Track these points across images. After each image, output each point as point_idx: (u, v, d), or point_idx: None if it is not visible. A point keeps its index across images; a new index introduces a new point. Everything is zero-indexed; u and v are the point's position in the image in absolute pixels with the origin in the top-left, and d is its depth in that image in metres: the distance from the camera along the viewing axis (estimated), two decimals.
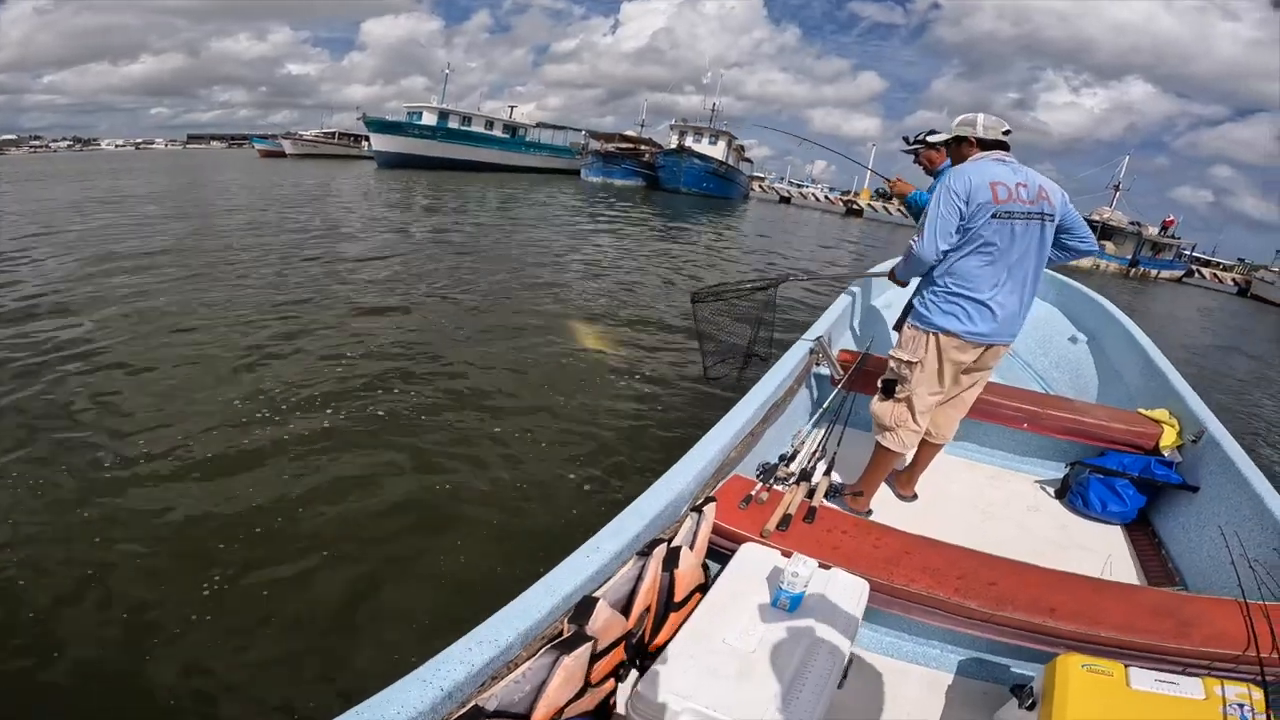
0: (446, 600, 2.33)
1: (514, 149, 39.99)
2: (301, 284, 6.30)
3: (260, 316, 5.18)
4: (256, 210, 11.81)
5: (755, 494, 1.86)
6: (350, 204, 14.63)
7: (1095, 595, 1.64)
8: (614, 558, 1.40)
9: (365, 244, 9.03)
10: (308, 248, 8.21)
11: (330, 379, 4.02)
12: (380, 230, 10.62)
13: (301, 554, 2.49)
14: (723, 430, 1.98)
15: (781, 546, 1.68)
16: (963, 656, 1.74)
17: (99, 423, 3.35)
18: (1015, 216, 2.02)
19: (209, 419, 3.43)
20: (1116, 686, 1.30)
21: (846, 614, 1.49)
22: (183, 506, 2.71)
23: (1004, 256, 2.05)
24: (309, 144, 44.65)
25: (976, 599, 1.57)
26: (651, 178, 35.97)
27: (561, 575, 1.31)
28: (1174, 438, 2.55)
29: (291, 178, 22.53)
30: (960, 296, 2.09)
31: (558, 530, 2.74)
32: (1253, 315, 22.45)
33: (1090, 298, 4.12)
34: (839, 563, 1.62)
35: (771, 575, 1.58)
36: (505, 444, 3.43)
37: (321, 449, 3.22)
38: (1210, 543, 2.09)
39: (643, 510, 1.55)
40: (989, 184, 2.01)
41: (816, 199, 50.97)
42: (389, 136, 33.50)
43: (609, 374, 4.57)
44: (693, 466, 1.76)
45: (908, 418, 2.25)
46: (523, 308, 6.16)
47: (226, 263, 6.97)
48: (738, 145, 42.14)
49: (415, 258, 8.20)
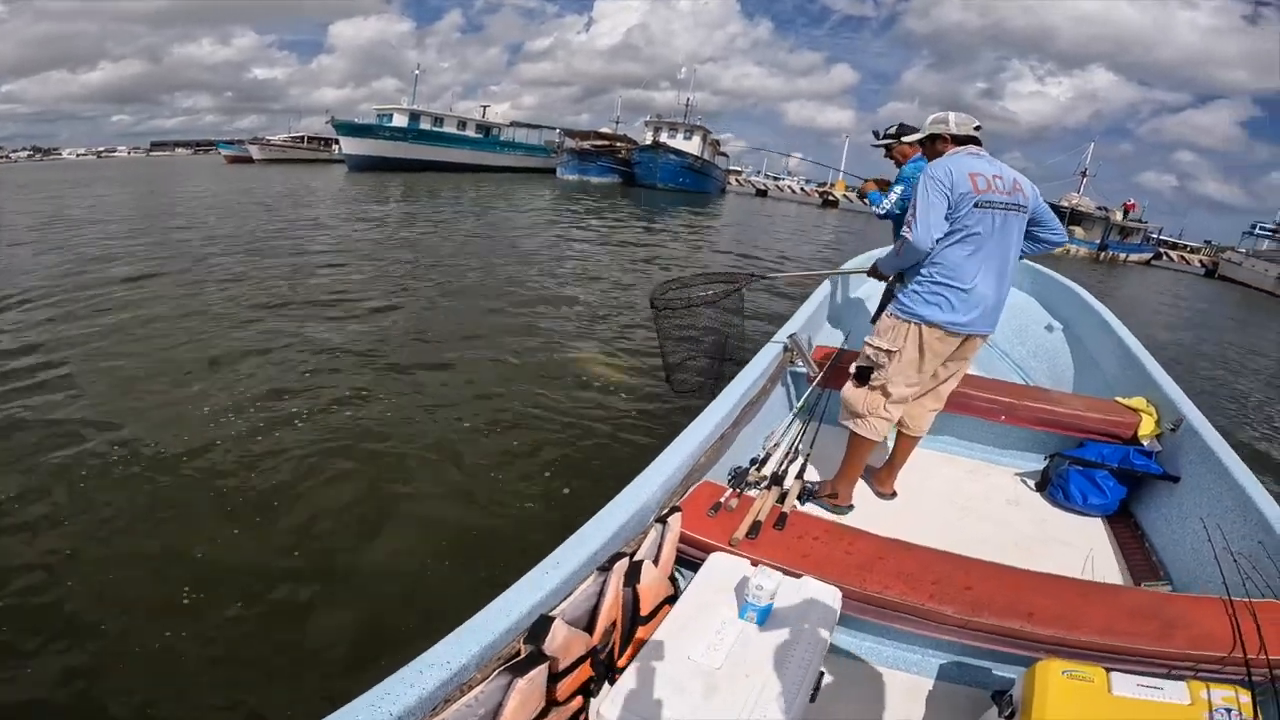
0: (396, 619, 2.23)
1: (488, 149, 39.63)
2: (271, 293, 6.10)
3: (227, 325, 5.01)
4: (225, 218, 11.46)
5: (725, 501, 1.79)
6: (321, 208, 14.28)
7: (1075, 597, 1.59)
8: (573, 574, 1.34)
9: (335, 248, 8.83)
10: (277, 254, 7.98)
11: (295, 387, 3.89)
12: (351, 234, 10.39)
13: (242, 570, 2.37)
14: (690, 436, 1.90)
15: (750, 555, 1.62)
16: (943, 661, 1.68)
17: (55, 429, 3.21)
18: (995, 206, 2.04)
19: (170, 426, 3.32)
20: (1097, 693, 1.25)
21: (817, 624, 1.43)
22: (141, 528, 2.57)
23: (985, 246, 2.06)
24: (277, 149, 43.80)
25: (952, 604, 1.51)
26: (628, 174, 35.80)
27: (518, 593, 1.25)
28: (1152, 427, 2.53)
29: (260, 184, 22.01)
30: (943, 286, 2.08)
31: (521, 543, 2.63)
32: (1220, 295, 22.96)
33: (1065, 286, 4.10)
34: (809, 570, 1.56)
35: (740, 586, 1.52)
36: (467, 453, 3.32)
37: (275, 455, 3.12)
38: (1193, 535, 2.05)
39: (605, 523, 1.49)
40: (968, 175, 2.03)
41: (793, 191, 51.22)
42: (359, 139, 32.99)
43: (583, 378, 4.48)
44: (658, 476, 1.70)
45: (880, 405, 2.23)
46: (495, 310, 6.04)
47: (195, 275, 6.72)
48: (713, 140, 42.12)
49: (386, 262, 8.03)
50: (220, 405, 3.60)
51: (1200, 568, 1.95)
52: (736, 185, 49.91)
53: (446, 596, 2.32)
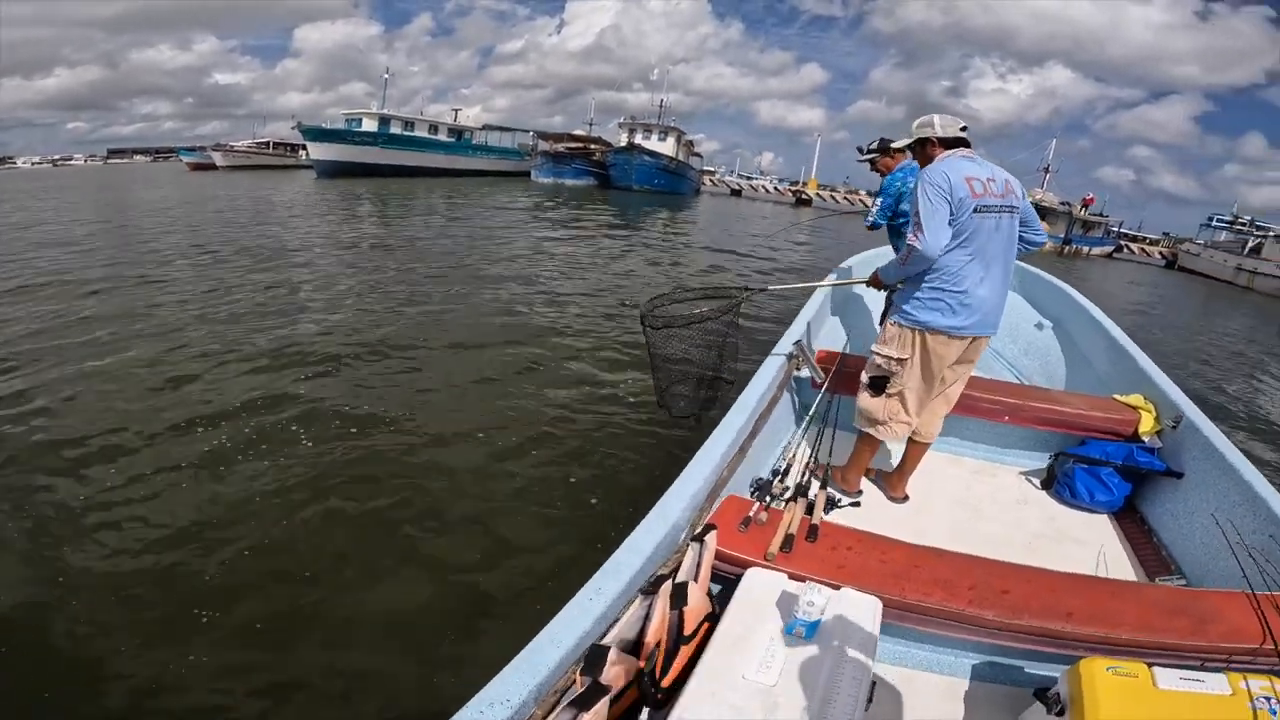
0: (435, 641, 2.19)
1: (461, 152, 39.21)
2: (245, 309, 5.91)
3: (195, 344, 4.82)
4: (190, 229, 11.08)
5: (754, 515, 1.80)
6: (290, 216, 13.89)
7: (1108, 596, 1.65)
8: (617, 599, 1.34)
9: (309, 258, 8.59)
10: (248, 268, 7.71)
11: (288, 409, 3.77)
12: (323, 243, 10.11)
13: (257, 600, 2.31)
14: (710, 451, 1.91)
15: (788, 569, 1.64)
16: (978, 661, 1.72)
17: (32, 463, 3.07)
18: (991, 210, 2.07)
19: (145, 455, 3.19)
20: (1144, 687, 1.29)
21: (864, 634, 1.46)
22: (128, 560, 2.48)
23: (984, 250, 2.09)
24: (241, 155, 42.81)
25: (992, 608, 1.56)
26: (603, 177, 35.74)
27: (566, 623, 1.25)
28: (1152, 423, 2.59)
29: (225, 191, 21.46)
30: (944, 291, 2.12)
31: (553, 558, 2.61)
32: (1182, 286, 23.76)
33: (1052, 284, 4.20)
34: (847, 581, 1.59)
35: (781, 600, 1.53)
36: (484, 471, 3.27)
37: (279, 483, 3.01)
38: (1203, 530, 2.12)
39: (640, 544, 1.50)
40: (964, 179, 2.05)
41: (766, 190, 51.61)
42: (328, 144, 32.33)
43: (584, 388, 4.45)
44: (685, 492, 1.70)
45: (899, 410, 2.28)
46: (484, 321, 5.95)
47: (163, 292, 6.49)
48: (687, 140, 42.28)
49: (364, 271, 7.86)
50: (209, 426, 3.50)
51: (1212, 561, 2.02)
52: (711, 186, 50.12)
53: (484, 618, 2.30)
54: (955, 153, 2.16)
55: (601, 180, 35.79)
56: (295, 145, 43.88)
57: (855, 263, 4.35)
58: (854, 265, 4.28)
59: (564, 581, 2.19)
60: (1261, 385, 7.47)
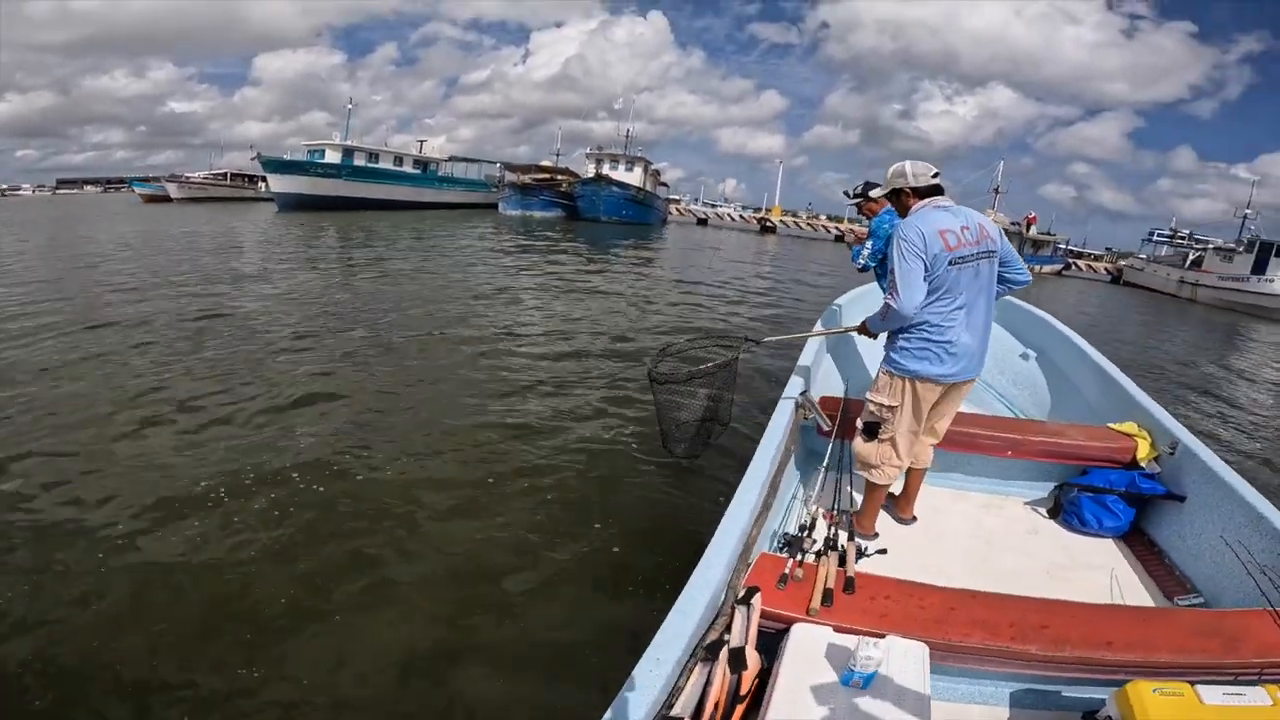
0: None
1: (427, 185, 39.02)
2: (211, 356, 5.61)
3: (159, 394, 4.61)
4: (146, 270, 10.64)
5: (790, 572, 1.85)
6: (252, 254, 13.50)
7: (1141, 623, 1.76)
8: (676, 666, 1.37)
9: (276, 302, 8.22)
10: (211, 311, 7.43)
11: (266, 467, 3.62)
12: (290, 284, 9.71)
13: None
14: (739, 510, 1.94)
15: (831, 622, 1.68)
16: (1020, 689, 1.77)
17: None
18: (967, 260, 2.17)
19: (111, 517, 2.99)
20: (1191, 704, 1.39)
21: (917, 680, 1.51)
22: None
23: (964, 299, 2.21)
24: (197, 187, 41.73)
25: (1035, 643, 1.62)
26: (571, 208, 35.89)
27: (634, 697, 1.27)
28: (1148, 450, 2.71)
29: (181, 226, 20.79)
30: (930, 342, 2.24)
31: (589, 607, 2.55)
32: (1130, 301, 24.96)
33: (1033, 313, 4.36)
34: (891, 629, 1.63)
35: (830, 653, 1.58)
36: (492, 521, 3.19)
37: (261, 552, 2.87)
38: (1212, 550, 2.23)
39: (687, 609, 1.52)
40: (938, 233, 2.14)
41: (732, 218, 52.69)
42: (289, 176, 31.68)
43: (575, 428, 4.41)
44: (722, 553, 1.73)
45: (891, 455, 2.41)
46: (455, 368, 5.71)
47: (123, 341, 6.20)
48: (654, 170, 42.95)
49: (333, 317, 7.49)
50: (182, 485, 3.35)
51: (1226, 580, 2.13)
52: (678, 215, 50.91)
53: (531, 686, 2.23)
54: (929, 203, 2.24)
55: (569, 212, 35.93)
56: (254, 176, 43.20)
57: (845, 302, 4.42)
58: (843, 305, 4.34)
59: (606, 638, 2.25)
60: (1216, 397, 7.86)
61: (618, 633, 2.35)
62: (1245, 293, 24.57)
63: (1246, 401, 7.95)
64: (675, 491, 3.51)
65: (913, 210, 2.26)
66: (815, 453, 3.09)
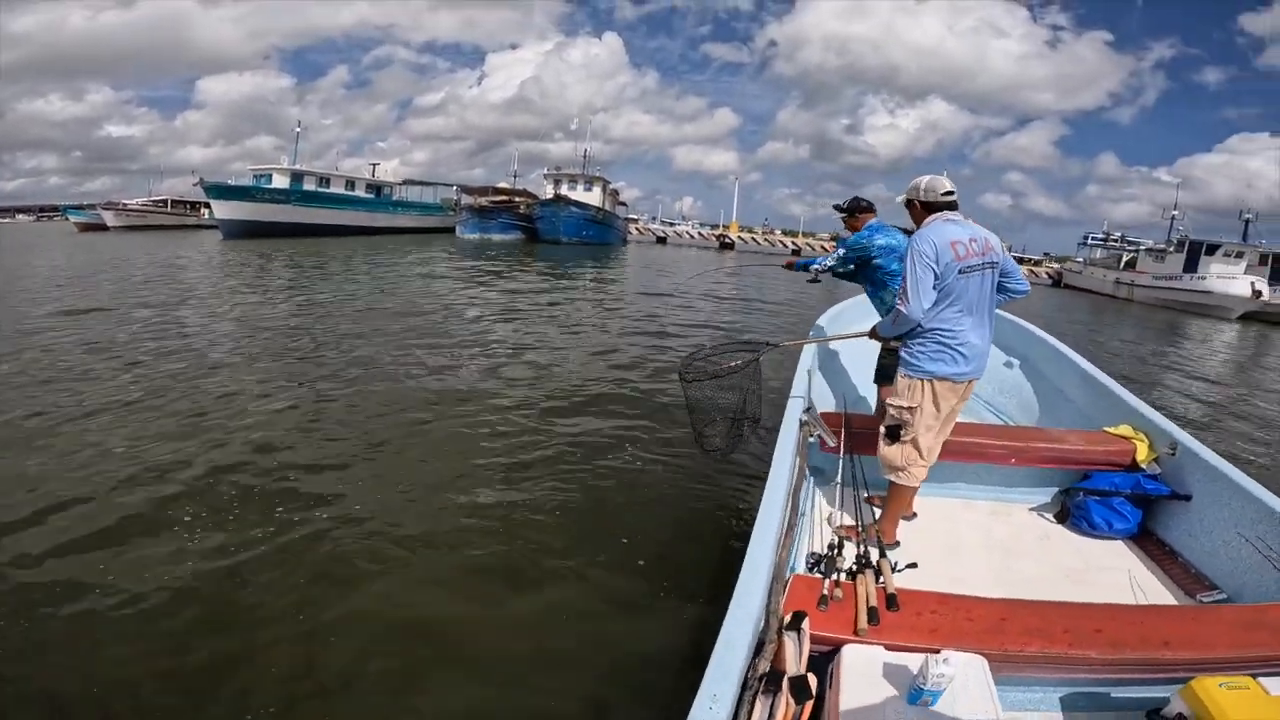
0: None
1: (381, 209, 38.13)
2: (156, 398, 5.10)
3: (106, 438, 4.27)
4: (81, 303, 9.99)
5: (828, 593, 1.81)
6: (195, 284, 12.71)
7: (1191, 621, 1.79)
8: (734, 701, 1.32)
9: (226, 336, 7.70)
10: (156, 351, 6.97)
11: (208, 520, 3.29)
12: (239, 317, 9.07)
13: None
14: (765, 532, 1.89)
15: (883, 641, 1.64)
16: (1076, 693, 1.76)
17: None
18: (974, 269, 2.33)
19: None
20: (1258, 696, 1.42)
21: (983, 694, 1.50)
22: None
23: (971, 304, 2.36)
24: (136, 214, 39.58)
25: (1093, 647, 1.62)
26: (530, 230, 35.67)
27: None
28: (1147, 452, 2.75)
29: (118, 255, 19.66)
30: (945, 345, 2.37)
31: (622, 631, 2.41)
32: (1071, 302, 26.13)
33: (1014, 322, 4.44)
34: (945, 644, 1.58)
35: (888, 673, 1.55)
36: (502, 554, 3.02)
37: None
38: (1226, 546, 2.26)
39: (734, 640, 1.46)
40: (949, 244, 2.30)
41: (691, 236, 53.28)
42: (234, 203, 30.35)
43: (572, 450, 4.27)
44: (756, 579, 1.68)
45: (916, 456, 2.49)
46: (425, 399, 5.43)
47: (55, 379, 5.77)
48: (612, 189, 43.15)
49: (288, 346, 7.13)
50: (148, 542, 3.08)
51: (1246, 575, 2.17)
52: (638, 234, 51.19)
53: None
54: (941, 216, 2.42)
55: (529, 234, 35.70)
56: (195, 203, 41.40)
57: (826, 321, 4.42)
58: (825, 324, 4.35)
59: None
60: (1169, 388, 8.21)
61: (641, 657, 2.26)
62: (1180, 290, 26.03)
63: (1200, 392, 8.34)
64: (675, 502, 3.42)
65: (926, 223, 2.43)
66: (819, 469, 3.07)
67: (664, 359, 7.25)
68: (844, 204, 3.55)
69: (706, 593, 2.64)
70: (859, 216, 3.48)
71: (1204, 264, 26.13)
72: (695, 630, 2.36)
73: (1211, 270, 25.54)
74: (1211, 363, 12.05)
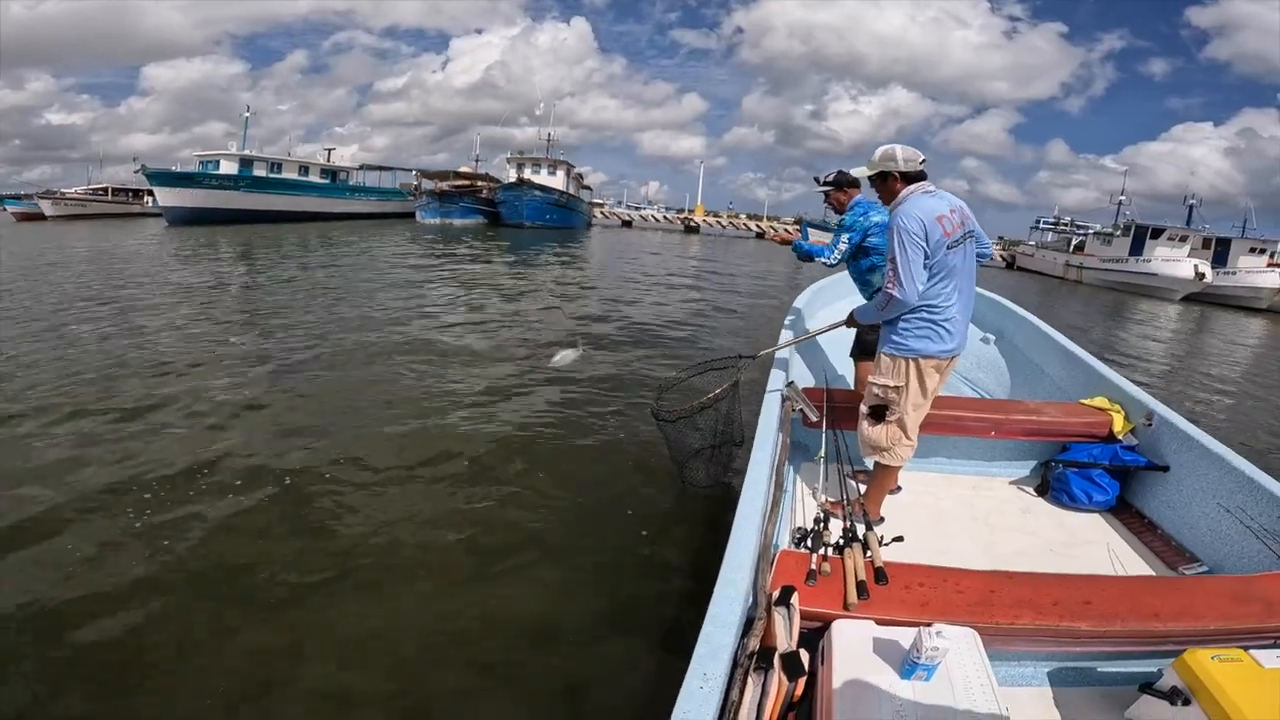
0: None
1: (337, 195, 36.89)
2: (99, 390, 4.85)
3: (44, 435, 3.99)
4: (18, 295, 9.31)
5: (816, 568, 1.76)
6: (139, 272, 11.91)
7: (1179, 593, 1.76)
8: (725, 679, 1.28)
9: (169, 325, 7.18)
10: (96, 341, 6.58)
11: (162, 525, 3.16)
12: (184, 306, 8.44)
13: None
14: (750, 508, 1.85)
15: (873, 615, 1.61)
16: (1062, 667, 1.75)
17: None
18: (958, 242, 2.25)
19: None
20: (1251, 669, 1.39)
21: (978, 667, 1.47)
22: None
23: (956, 279, 2.27)
24: (75, 203, 37.61)
25: (1083, 619, 1.60)
26: (492, 214, 35.10)
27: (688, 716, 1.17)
28: (1123, 423, 2.77)
29: (57, 244, 18.61)
30: (931, 322, 2.28)
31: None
32: (1022, 284, 26.88)
33: (990, 298, 4.45)
34: (936, 618, 1.55)
35: (879, 648, 1.52)
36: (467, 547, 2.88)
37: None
38: (1205, 518, 2.27)
39: (722, 617, 1.42)
40: (936, 219, 2.19)
41: (656, 220, 53.12)
42: (179, 190, 29.00)
43: (533, 444, 4.14)
44: (743, 555, 1.63)
45: (901, 436, 2.41)
46: (393, 384, 5.23)
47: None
48: (576, 173, 42.63)
49: (238, 337, 6.84)
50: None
51: (1226, 546, 2.18)
52: (602, 218, 50.79)
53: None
54: (918, 188, 2.27)
55: (491, 218, 35.13)
56: (139, 190, 39.61)
57: (803, 304, 4.37)
58: (803, 307, 4.29)
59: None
60: (1119, 359, 8.49)
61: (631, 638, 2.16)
62: (1126, 273, 27.04)
63: (1162, 372, 8.64)
64: (655, 483, 3.33)
65: (903, 196, 2.28)
66: (802, 444, 3.01)
67: (629, 337, 7.17)
68: (829, 176, 3.29)
69: (692, 571, 2.58)
70: (849, 190, 3.23)
71: (1149, 247, 27.17)
72: (683, 608, 2.30)
73: (1156, 253, 26.58)
74: (1156, 343, 12.52)
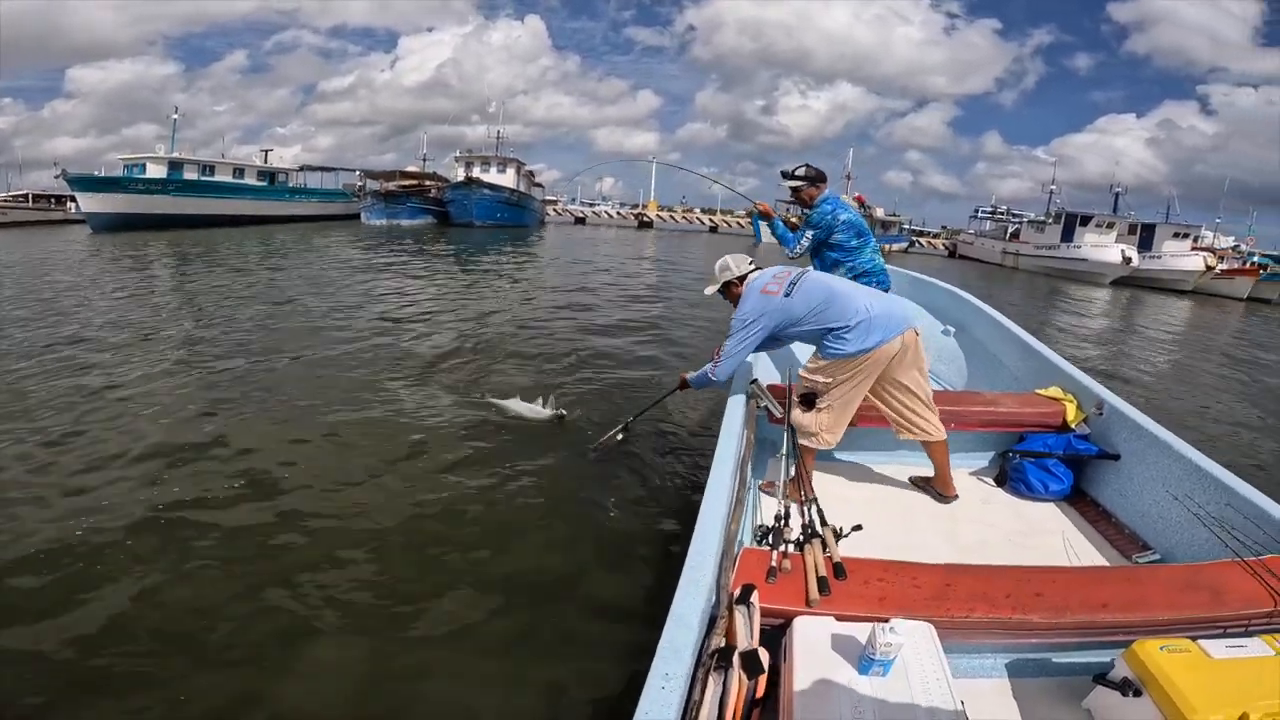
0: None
1: (275, 197, 35.21)
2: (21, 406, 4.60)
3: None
4: None
5: (777, 565, 1.75)
6: (62, 283, 11.08)
7: (1127, 583, 1.80)
8: (688, 679, 1.27)
9: (97, 342, 6.64)
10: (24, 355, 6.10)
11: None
12: (109, 317, 7.71)
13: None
14: (714, 506, 1.84)
15: (833, 611, 1.61)
16: (1018, 659, 1.76)
17: None
18: (793, 284, 2.61)
19: None
20: (1198, 659, 1.40)
21: (934, 661, 1.48)
22: None
23: (833, 298, 2.55)
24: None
25: (1035, 612, 1.62)
26: (441, 214, 34.39)
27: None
28: (1075, 412, 2.85)
29: None
30: (841, 336, 2.50)
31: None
32: (964, 271, 27.93)
33: (948, 290, 4.54)
34: (894, 612, 1.56)
35: (837, 644, 1.52)
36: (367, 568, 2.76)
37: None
38: (1155, 506, 2.33)
39: (685, 617, 1.41)
40: (760, 292, 2.65)
41: (609, 216, 52.97)
42: (104, 195, 27.24)
43: (493, 457, 4.01)
44: (706, 554, 1.62)
45: (827, 423, 2.59)
46: (337, 393, 5.02)
47: None
48: (527, 171, 42.08)
49: (172, 347, 6.53)
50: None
51: (1176, 535, 2.23)
52: (555, 215, 50.30)
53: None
54: (752, 277, 2.73)
55: (440, 218, 34.41)
56: (61, 196, 37.04)
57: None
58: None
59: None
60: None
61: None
62: (1058, 259, 28.38)
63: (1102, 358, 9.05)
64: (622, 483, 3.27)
65: (745, 290, 2.70)
66: (766, 440, 3.00)
67: (589, 332, 7.06)
68: (797, 170, 3.30)
69: (655, 568, 2.57)
70: (820, 185, 3.27)
71: (1079, 234, 28.60)
72: (646, 605, 2.28)
73: (1086, 240, 28.00)
74: (1090, 322, 13.16)
